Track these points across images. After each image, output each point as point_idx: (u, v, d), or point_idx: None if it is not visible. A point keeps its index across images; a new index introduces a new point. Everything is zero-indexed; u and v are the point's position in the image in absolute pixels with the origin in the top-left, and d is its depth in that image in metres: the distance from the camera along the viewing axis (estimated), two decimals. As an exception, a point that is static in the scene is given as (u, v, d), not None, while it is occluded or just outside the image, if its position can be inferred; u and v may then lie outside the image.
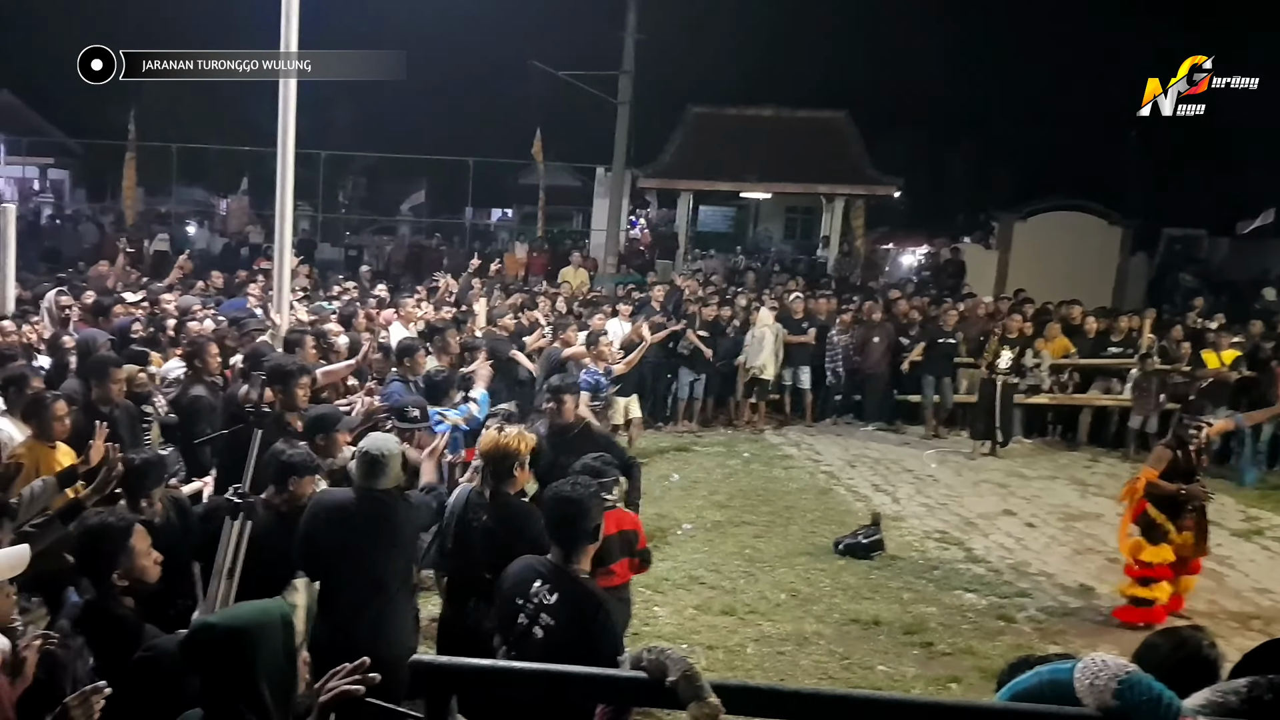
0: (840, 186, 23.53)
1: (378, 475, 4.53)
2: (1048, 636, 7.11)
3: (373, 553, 4.47)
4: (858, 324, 14.19)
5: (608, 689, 2.01)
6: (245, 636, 2.39)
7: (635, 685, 1.86)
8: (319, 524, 4.54)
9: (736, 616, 7.21)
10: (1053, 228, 20.90)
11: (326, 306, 11.68)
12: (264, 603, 2.58)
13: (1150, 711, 1.62)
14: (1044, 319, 14.45)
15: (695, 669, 1.78)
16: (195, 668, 2.43)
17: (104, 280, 12.51)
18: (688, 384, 13.39)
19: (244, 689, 2.35)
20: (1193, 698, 1.77)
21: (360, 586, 4.45)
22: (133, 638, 3.36)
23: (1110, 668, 1.70)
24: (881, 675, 6.38)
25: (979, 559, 8.81)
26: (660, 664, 1.81)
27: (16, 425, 5.75)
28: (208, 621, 2.48)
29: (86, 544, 3.57)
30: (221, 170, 26.90)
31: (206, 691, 2.42)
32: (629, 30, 21.25)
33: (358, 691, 2.44)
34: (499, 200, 32.46)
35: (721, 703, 1.75)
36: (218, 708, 2.39)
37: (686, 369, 13.31)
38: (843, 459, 12.36)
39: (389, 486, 4.55)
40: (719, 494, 10.49)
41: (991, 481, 11.53)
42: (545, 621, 3.61)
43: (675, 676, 1.76)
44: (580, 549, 3.74)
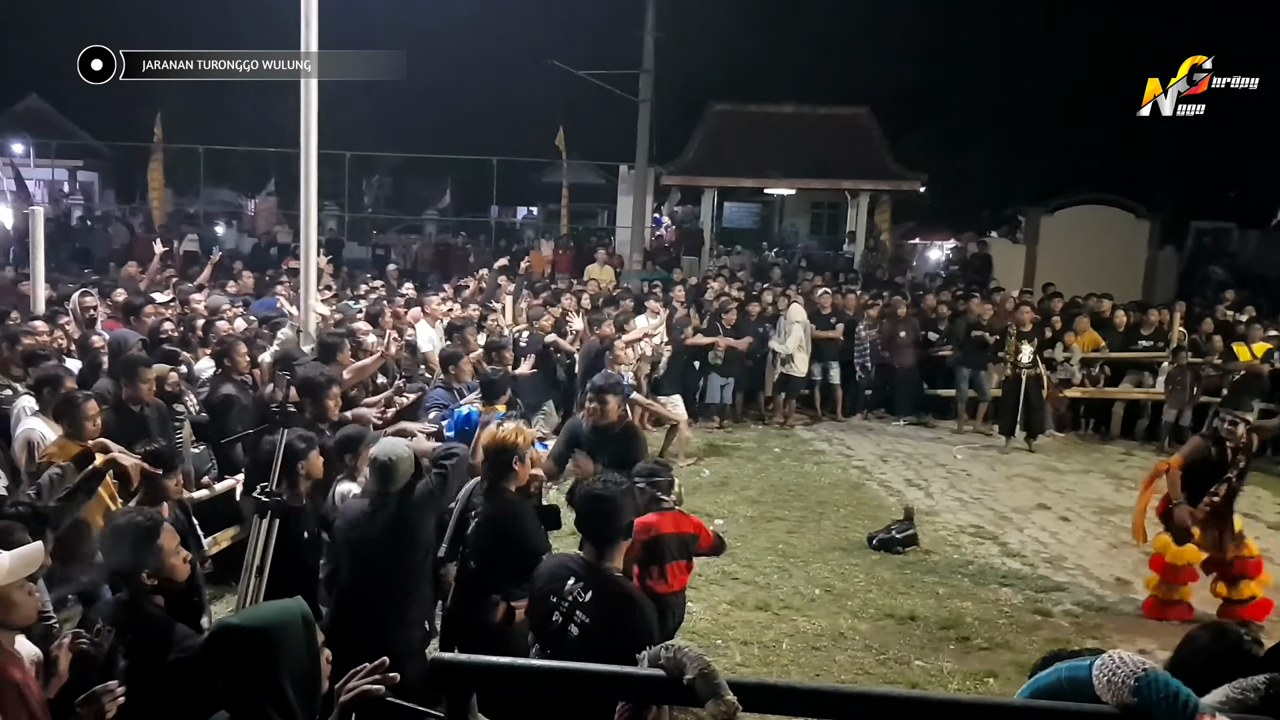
0: (864, 182, 23.47)
1: (390, 480, 4.59)
2: (1085, 631, 7.05)
3: (390, 556, 4.55)
4: (884, 319, 14.10)
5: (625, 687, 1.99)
6: (267, 636, 2.39)
7: (653, 683, 1.86)
8: (341, 531, 4.69)
9: (771, 612, 7.17)
10: (1080, 222, 20.75)
11: (353, 306, 11.73)
12: (284, 602, 2.59)
13: (1168, 708, 1.62)
14: (1073, 312, 14.36)
15: (712, 667, 1.77)
16: (217, 669, 2.43)
17: (134, 281, 12.61)
18: (718, 388, 13.34)
19: (268, 688, 2.35)
20: (1211, 695, 1.77)
21: (381, 589, 4.54)
22: (163, 636, 3.37)
23: (1128, 665, 1.70)
24: (918, 670, 6.33)
25: (1014, 553, 8.73)
26: (678, 661, 1.80)
27: (49, 424, 5.81)
28: (228, 622, 2.48)
29: (115, 543, 3.57)
30: (249, 171, 27.15)
31: (230, 692, 2.42)
32: (648, 29, 21.37)
33: (378, 691, 2.44)
34: (523, 198, 32.60)
35: (738, 700, 1.75)
36: (243, 708, 2.38)
37: (717, 374, 13.26)
38: (874, 454, 12.30)
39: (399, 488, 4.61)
40: (750, 489, 10.45)
41: (1025, 476, 11.43)
42: (580, 619, 3.62)
43: (692, 674, 1.76)
44: (613, 546, 3.75)
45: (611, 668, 1.92)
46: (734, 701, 1.72)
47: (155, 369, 6.77)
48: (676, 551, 5.14)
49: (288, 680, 2.37)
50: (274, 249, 21.06)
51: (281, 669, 2.36)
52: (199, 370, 8.13)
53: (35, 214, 9.48)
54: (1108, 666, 1.72)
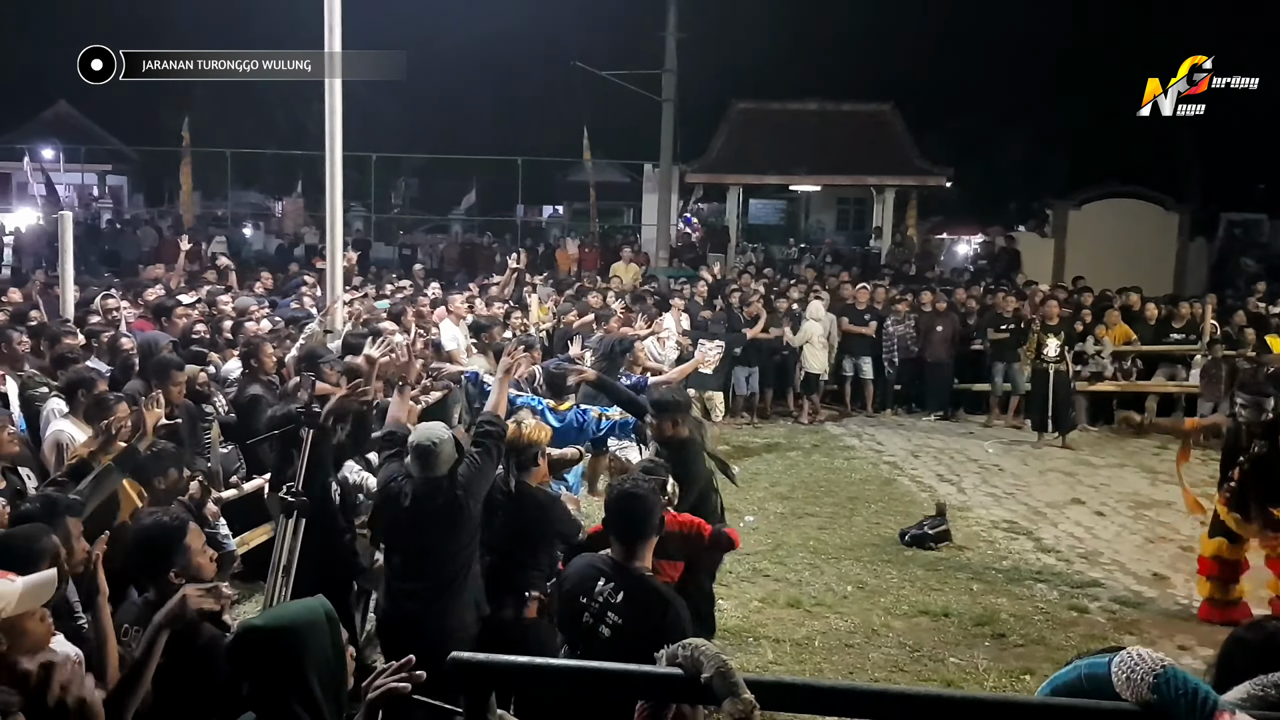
0: (889, 178, 23.42)
1: (433, 464, 4.55)
2: (1122, 627, 6.96)
3: (441, 539, 4.52)
4: (919, 313, 14.03)
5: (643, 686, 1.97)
6: (292, 635, 2.39)
7: (671, 682, 1.84)
8: (387, 517, 4.63)
9: (803, 609, 7.11)
10: (1108, 215, 20.54)
11: (380, 306, 11.75)
12: (308, 601, 2.58)
13: (1188, 705, 1.62)
14: (1103, 306, 14.26)
15: (729, 665, 1.76)
16: (243, 670, 2.43)
17: (160, 281, 12.69)
18: (743, 378, 13.35)
19: (295, 687, 2.35)
20: (1233, 691, 1.78)
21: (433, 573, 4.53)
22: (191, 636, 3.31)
23: (1146, 661, 1.70)
24: (953, 667, 6.26)
25: (1049, 549, 8.64)
26: (695, 660, 1.79)
27: (78, 426, 5.79)
28: (253, 623, 2.47)
29: (143, 543, 3.56)
30: (276, 173, 27.46)
31: (257, 693, 2.41)
32: (669, 30, 21.55)
33: (404, 689, 2.40)
34: (549, 197, 32.80)
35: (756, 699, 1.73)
36: (270, 708, 2.38)
37: (741, 366, 13.27)
38: (905, 449, 12.23)
39: (444, 472, 4.56)
40: (780, 486, 10.42)
41: (1058, 470, 11.31)
42: (612, 620, 3.60)
43: (710, 673, 1.75)
44: (643, 545, 3.73)
45: (628, 666, 1.91)
46: (751, 700, 1.71)
47: (186, 370, 6.80)
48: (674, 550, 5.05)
49: (315, 679, 2.37)
50: (298, 249, 21.24)
51: (308, 668, 2.37)
52: (226, 371, 8.18)
53: (64, 218, 9.57)
54: (1126, 663, 1.72)
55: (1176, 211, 20.96)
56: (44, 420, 6.20)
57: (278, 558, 4.30)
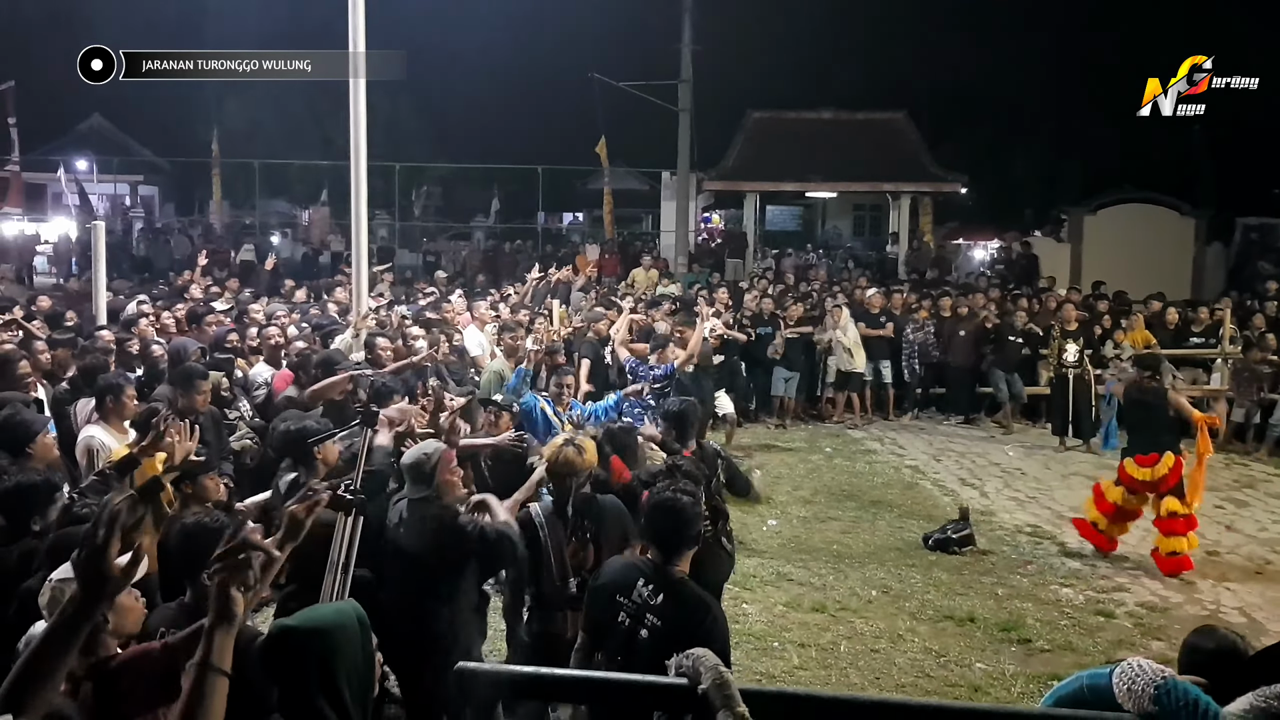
0: (904, 184, 23.69)
1: (418, 483, 4.60)
2: (1149, 632, 6.90)
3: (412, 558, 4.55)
4: (939, 318, 14.06)
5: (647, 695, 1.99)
6: (327, 637, 2.38)
7: (672, 692, 1.86)
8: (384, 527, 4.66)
9: (828, 614, 7.08)
10: (1123, 220, 20.68)
11: (403, 312, 11.85)
12: (340, 604, 2.59)
13: (1188, 716, 1.66)
14: (1122, 310, 14.28)
15: (726, 677, 1.77)
16: (276, 671, 2.41)
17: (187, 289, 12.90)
18: (783, 381, 13.47)
19: (326, 690, 2.33)
20: (1235, 703, 1.78)
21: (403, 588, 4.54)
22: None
23: (1148, 673, 1.73)
24: (979, 673, 6.22)
25: (1073, 553, 8.57)
26: (695, 670, 1.80)
27: (109, 432, 5.88)
28: (287, 625, 2.45)
29: (182, 545, 3.56)
30: (303, 183, 27.78)
31: (287, 696, 2.38)
32: (685, 42, 21.95)
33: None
34: (569, 205, 33.05)
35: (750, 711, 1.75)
36: (299, 711, 2.35)
37: (782, 368, 13.39)
38: (927, 453, 12.26)
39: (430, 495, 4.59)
40: (803, 489, 10.42)
41: (1081, 474, 11.28)
42: (651, 622, 3.62)
43: (706, 684, 1.75)
44: (681, 553, 3.77)
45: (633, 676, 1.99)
46: (744, 713, 1.72)
47: (211, 378, 6.89)
48: None
49: (345, 683, 2.35)
50: (323, 256, 21.43)
51: (340, 671, 2.35)
52: (254, 376, 8.28)
53: (97, 228, 9.77)
54: (1128, 674, 1.74)
55: (1192, 217, 21.06)
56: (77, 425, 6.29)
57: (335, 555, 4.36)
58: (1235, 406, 12.59)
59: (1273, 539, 9.21)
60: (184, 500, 4.71)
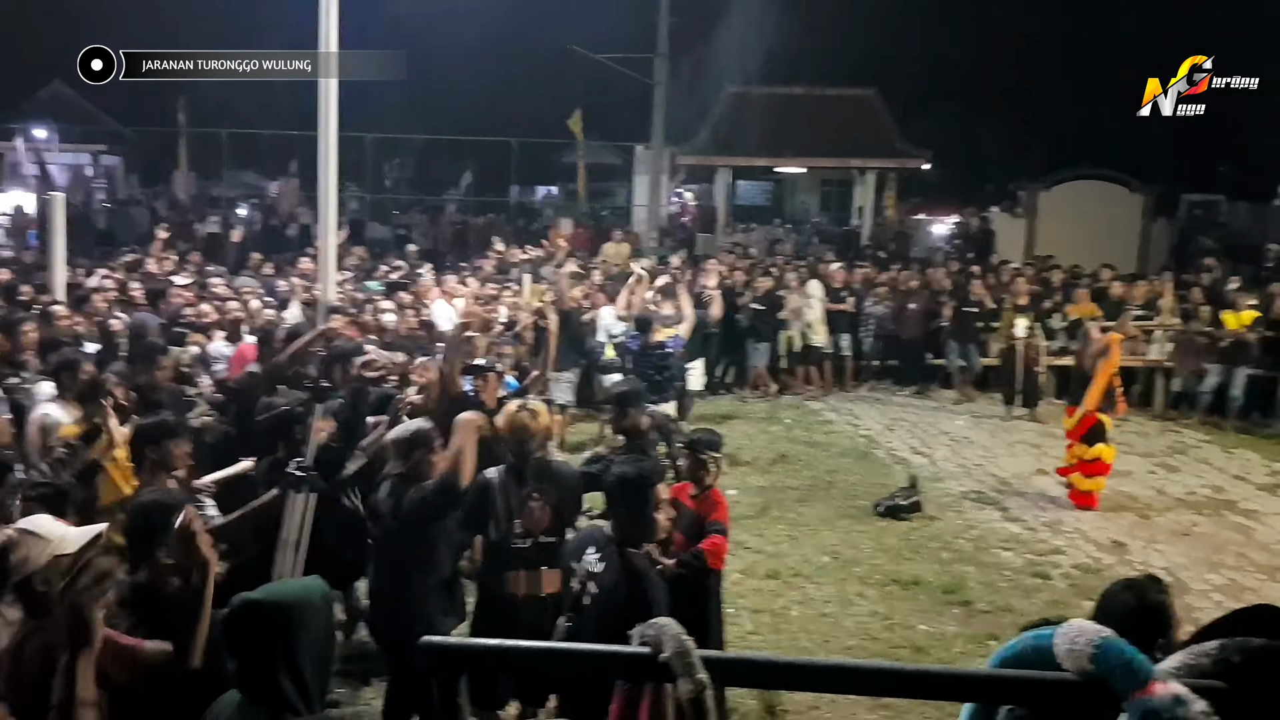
0: (872, 160, 23.98)
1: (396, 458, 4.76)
2: (1082, 593, 7.19)
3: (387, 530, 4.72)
4: (892, 291, 14.37)
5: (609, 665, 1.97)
6: (290, 611, 2.38)
7: (635, 661, 1.85)
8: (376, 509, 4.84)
9: (781, 580, 7.35)
10: (1076, 196, 21.16)
11: (373, 286, 11.96)
12: (305, 580, 2.61)
13: (1125, 675, 1.68)
14: (1072, 283, 14.67)
15: (688, 645, 1.77)
16: (238, 644, 2.40)
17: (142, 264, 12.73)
18: (758, 351, 13.85)
19: (287, 663, 2.33)
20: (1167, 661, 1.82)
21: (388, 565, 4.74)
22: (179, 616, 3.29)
23: (1087, 633, 1.75)
24: (923, 635, 6.52)
25: (1014, 518, 8.99)
26: (657, 639, 1.80)
27: (64, 409, 5.84)
28: (251, 598, 2.43)
29: (139, 518, 3.51)
30: (272, 154, 27.30)
31: (246, 668, 2.38)
32: (662, 15, 21.89)
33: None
34: (543, 178, 32.82)
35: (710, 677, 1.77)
36: (259, 684, 2.36)
37: (753, 339, 13.70)
38: (881, 423, 12.62)
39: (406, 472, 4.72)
40: (761, 460, 10.72)
41: (1025, 442, 11.71)
42: (592, 590, 3.79)
43: (668, 653, 1.76)
44: (635, 525, 3.89)
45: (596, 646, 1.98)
46: (704, 680, 1.73)
47: (172, 354, 6.98)
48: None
49: (305, 658, 2.35)
50: (290, 229, 21.18)
51: (301, 646, 2.35)
52: (214, 351, 8.35)
53: (55, 200, 9.59)
54: (1068, 634, 1.76)
55: (1141, 193, 21.60)
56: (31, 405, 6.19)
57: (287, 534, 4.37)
58: (1173, 377, 13.04)
59: (1199, 502, 9.69)
60: (151, 468, 4.67)
